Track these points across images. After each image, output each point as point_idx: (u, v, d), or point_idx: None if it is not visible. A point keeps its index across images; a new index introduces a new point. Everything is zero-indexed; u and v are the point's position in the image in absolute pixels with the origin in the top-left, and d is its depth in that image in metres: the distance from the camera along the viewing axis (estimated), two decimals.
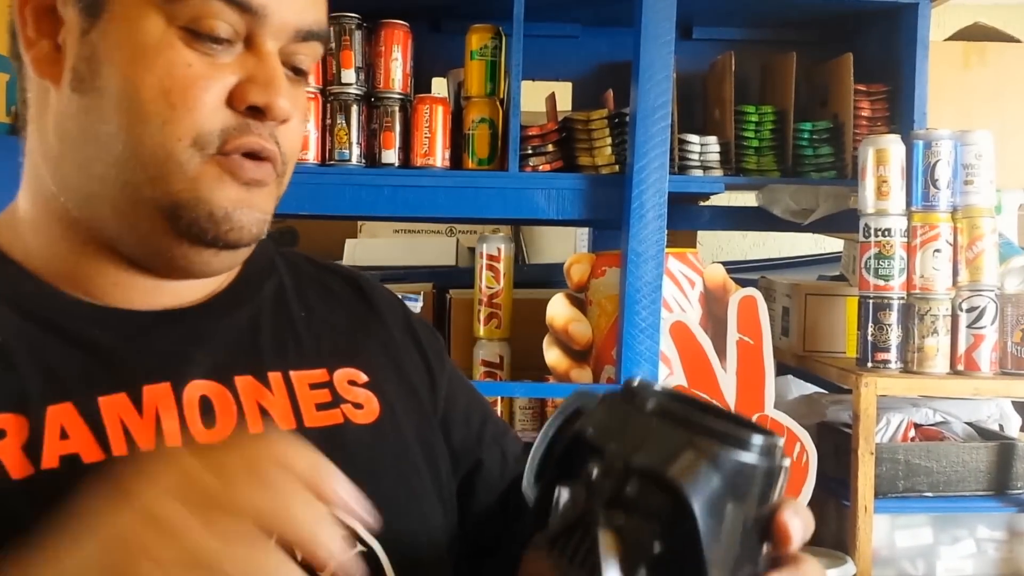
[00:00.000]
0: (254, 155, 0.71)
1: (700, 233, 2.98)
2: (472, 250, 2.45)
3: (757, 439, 0.53)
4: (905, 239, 1.97)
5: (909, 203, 1.98)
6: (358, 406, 0.79)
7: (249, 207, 0.72)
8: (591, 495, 0.54)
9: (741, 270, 2.96)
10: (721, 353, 2.03)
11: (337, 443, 0.75)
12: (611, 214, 2.02)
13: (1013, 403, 2.30)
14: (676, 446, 0.52)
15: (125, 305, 0.74)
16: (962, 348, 1.96)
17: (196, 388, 0.72)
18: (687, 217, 2.43)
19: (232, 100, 0.70)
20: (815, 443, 1.98)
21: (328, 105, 2.01)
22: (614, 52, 2.29)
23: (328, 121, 2.01)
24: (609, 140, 2.04)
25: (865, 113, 2.16)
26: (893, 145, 1.97)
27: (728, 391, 2.00)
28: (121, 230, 0.72)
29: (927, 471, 2.03)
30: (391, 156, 2.01)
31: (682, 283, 2.14)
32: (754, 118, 2.15)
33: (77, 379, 0.69)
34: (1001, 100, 2.37)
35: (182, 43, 0.69)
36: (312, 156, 1.99)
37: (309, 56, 0.75)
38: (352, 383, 0.80)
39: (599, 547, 0.52)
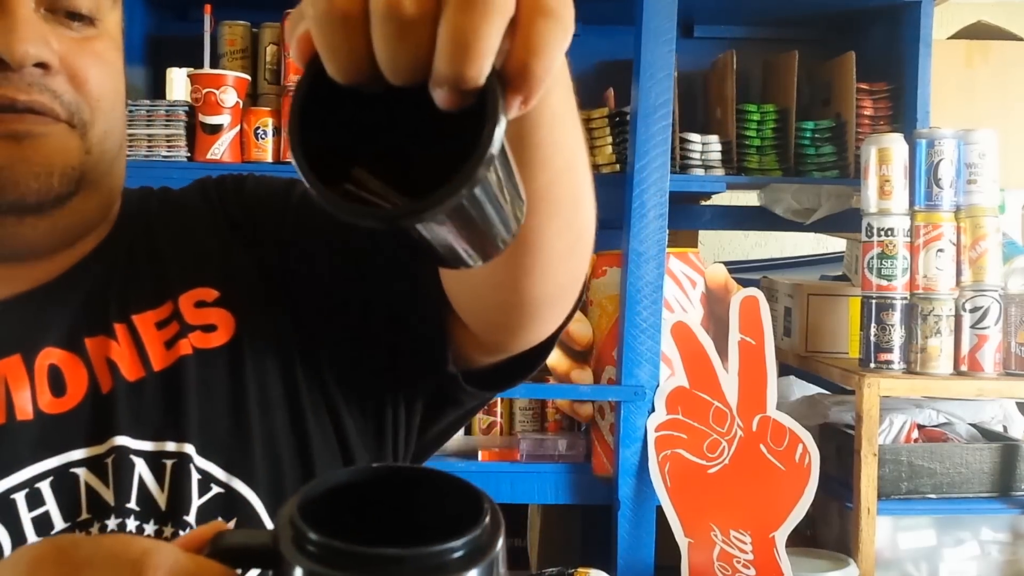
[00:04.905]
0: (10, 109, 0.68)
1: (701, 233, 2.97)
2: None
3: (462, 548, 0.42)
4: (908, 239, 1.96)
5: (912, 203, 1.97)
6: (210, 328, 0.76)
7: (22, 161, 0.69)
8: None
9: (743, 270, 2.94)
10: (723, 353, 2.02)
11: (184, 379, 0.73)
12: (611, 214, 2.01)
13: (1017, 404, 2.29)
14: None
15: None
16: (965, 349, 1.95)
17: (46, 357, 0.72)
18: (688, 217, 2.42)
19: None
20: (817, 444, 1.96)
21: None
22: (615, 50, 2.28)
23: None
24: (610, 139, 2.03)
25: (868, 112, 2.15)
26: (896, 144, 1.96)
27: (730, 392, 1.99)
28: None
29: (930, 473, 2.01)
30: None
31: (683, 283, 2.12)
32: (756, 117, 2.14)
33: None
34: (1004, 99, 2.36)
35: None
36: None
37: None
38: (201, 303, 0.77)
39: None
